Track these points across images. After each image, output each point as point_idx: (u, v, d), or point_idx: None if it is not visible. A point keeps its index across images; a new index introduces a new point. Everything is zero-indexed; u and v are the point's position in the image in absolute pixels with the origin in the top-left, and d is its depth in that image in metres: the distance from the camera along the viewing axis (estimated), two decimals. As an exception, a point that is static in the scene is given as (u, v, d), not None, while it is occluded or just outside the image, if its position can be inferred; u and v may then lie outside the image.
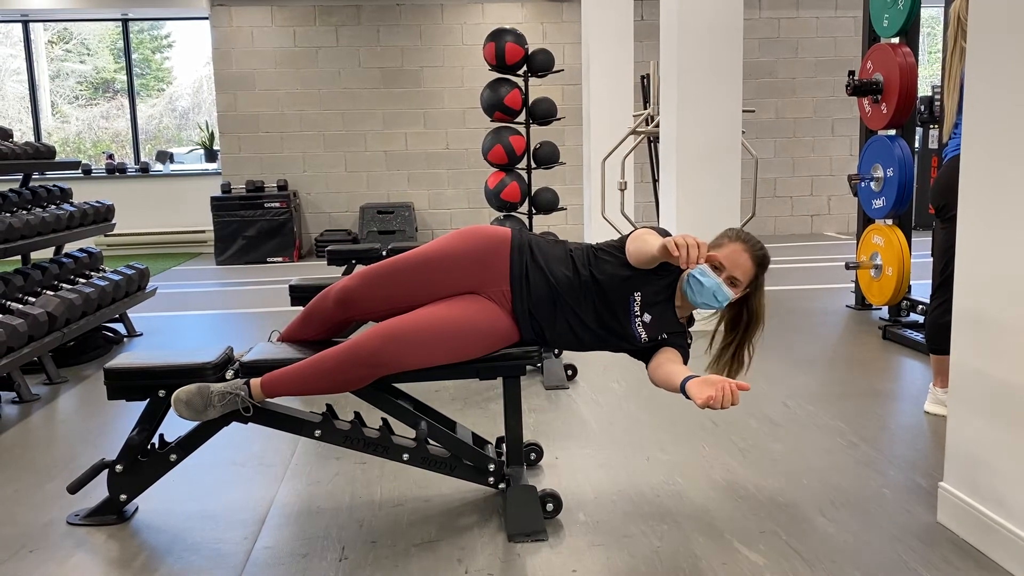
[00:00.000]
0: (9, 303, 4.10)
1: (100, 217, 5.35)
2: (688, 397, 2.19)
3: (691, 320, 2.62)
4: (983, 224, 2.24)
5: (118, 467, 2.52)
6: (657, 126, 5.50)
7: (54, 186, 5.18)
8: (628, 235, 2.53)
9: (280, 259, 9.03)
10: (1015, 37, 2.09)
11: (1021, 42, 2.07)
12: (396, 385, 2.60)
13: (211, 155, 10.17)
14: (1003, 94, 2.14)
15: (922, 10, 4.85)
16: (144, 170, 9.77)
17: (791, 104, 9.88)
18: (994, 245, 2.20)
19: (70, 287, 4.58)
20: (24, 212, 4.61)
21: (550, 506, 2.54)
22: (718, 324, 2.60)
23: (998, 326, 2.20)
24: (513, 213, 5.30)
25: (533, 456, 2.98)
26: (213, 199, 8.98)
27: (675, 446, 3.14)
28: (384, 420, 2.57)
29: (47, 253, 5.17)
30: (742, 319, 2.54)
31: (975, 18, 2.27)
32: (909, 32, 4.80)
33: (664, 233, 2.47)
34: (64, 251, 5.13)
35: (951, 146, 3.17)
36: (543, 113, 5.20)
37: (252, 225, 8.97)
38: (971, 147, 2.28)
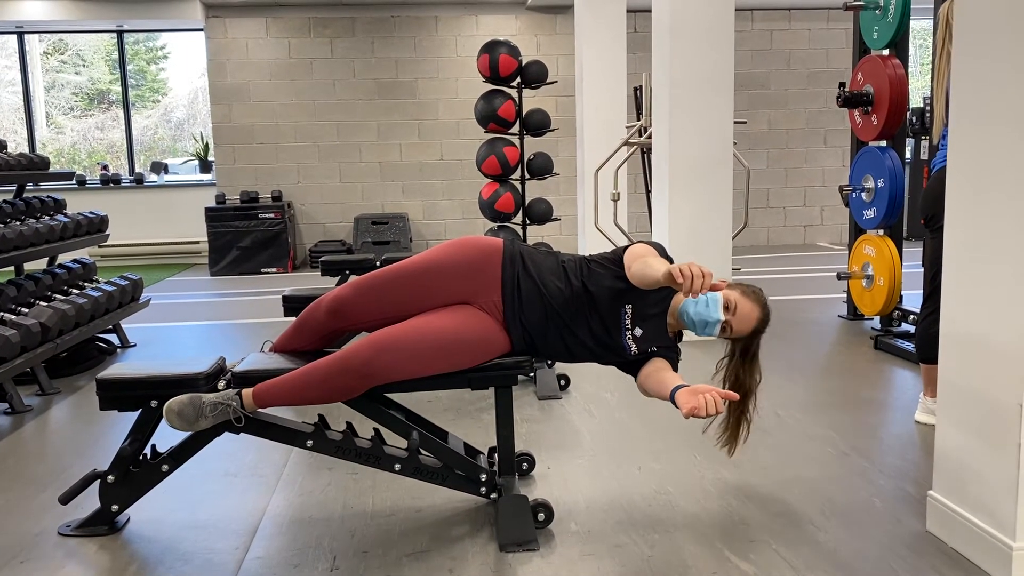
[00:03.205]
0: (2, 314, 4.10)
1: (94, 228, 5.35)
2: (676, 406, 2.21)
3: (679, 335, 2.63)
4: (969, 234, 2.26)
5: (110, 478, 2.52)
6: (650, 137, 5.53)
7: (48, 197, 5.18)
8: (623, 248, 2.53)
9: (274, 270, 9.03)
10: (1001, 40, 2.11)
11: (1006, 45, 2.09)
12: (388, 395, 2.60)
13: (206, 166, 10.18)
14: (988, 101, 2.15)
15: (912, 22, 4.89)
16: (139, 181, 9.78)
17: (783, 115, 9.94)
18: (980, 256, 2.22)
19: (63, 298, 4.58)
20: (17, 223, 4.61)
21: (541, 516, 2.54)
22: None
23: (984, 336, 2.22)
24: (507, 224, 5.32)
25: (525, 466, 2.99)
26: (207, 210, 8.99)
27: (667, 456, 3.15)
28: (376, 430, 2.57)
29: (40, 264, 5.17)
30: (731, 380, 2.56)
31: (960, 21, 2.26)
32: (899, 44, 4.85)
33: (660, 249, 2.49)
34: (57, 262, 5.13)
35: (939, 157, 3.19)
36: (537, 124, 5.23)
37: (246, 236, 8.97)
38: (957, 156, 2.30)
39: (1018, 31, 2.03)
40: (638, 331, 2.49)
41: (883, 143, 4.93)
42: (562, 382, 4.06)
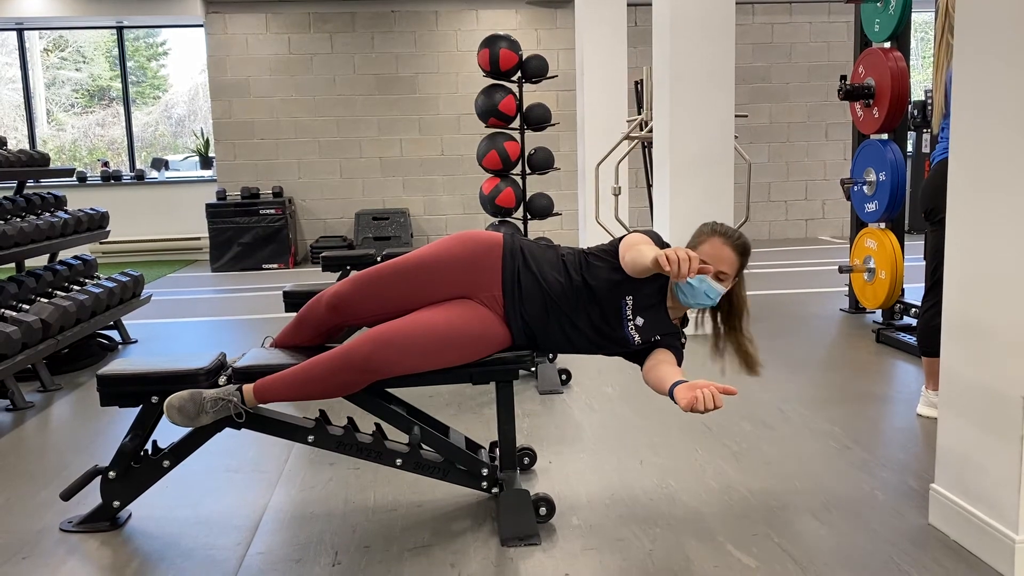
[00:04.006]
0: (3, 310, 4.10)
1: (94, 224, 5.35)
2: (675, 401, 2.20)
3: (684, 320, 2.63)
4: (971, 227, 2.25)
5: (111, 474, 2.52)
6: (651, 131, 5.52)
7: (48, 193, 5.18)
8: (620, 239, 2.53)
9: (275, 266, 9.03)
10: (1002, 31, 2.10)
11: (1007, 36, 2.08)
12: (389, 390, 2.60)
13: (206, 162, 10.17)
14: (989, 93, 2.14)
15: (914, 15, 4.88)
16: (139, 177, 9.77)
17: (785, 109, 9.91)
18: (982, 248, 2.21)
19: (64, 294, 4.58)
20: (18, 220, 4.61)
21: (543, 510, 2.54)
22: (715, 322, 2.60)
23: (987, 328, 2.21)
24: (508, 219, 5.30)
25: (526, 460, 2.99)
26: (208, 206, 8.99)
27: (668, 450, 3.15)
28: (377, 425, 2.57)
29: (41, 260, 5.17)
30: (725, 309, 2.56)
31: (960, 12, 2.25)
32: (900, 36, 4.83)
33: (656, 237, 2.48)
34: (58, 258, 5.13)
35: (939, 150, 3.18)
36: (537, 119, 5.21)
37: (247, 232, 8.97)
38: (958, 148, 2.29)
39: (1019, 22, 2.02)
40: (640, 320, 2.49)
41: (884, 136, 4.92)
42: (563, 377, 4.06)
